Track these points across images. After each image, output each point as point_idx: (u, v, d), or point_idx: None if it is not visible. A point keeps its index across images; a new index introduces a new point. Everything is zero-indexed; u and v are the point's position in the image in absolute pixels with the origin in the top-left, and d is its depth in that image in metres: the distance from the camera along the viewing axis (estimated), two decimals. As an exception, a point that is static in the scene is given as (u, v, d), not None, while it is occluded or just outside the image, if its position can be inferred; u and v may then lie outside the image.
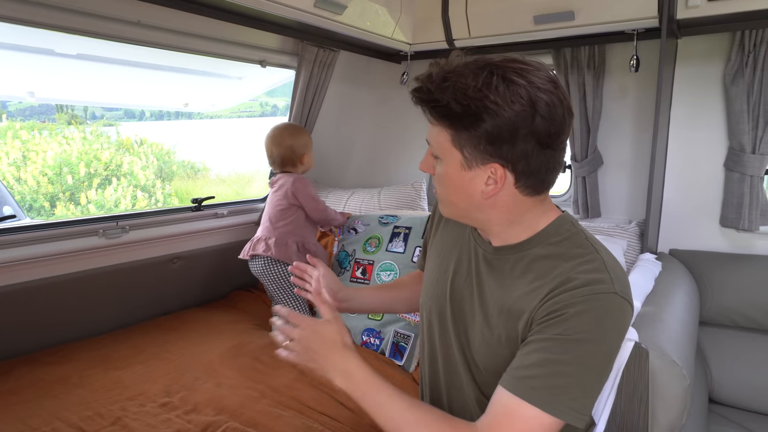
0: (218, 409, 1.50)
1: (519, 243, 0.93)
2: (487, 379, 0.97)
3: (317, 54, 2.33)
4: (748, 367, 1.91)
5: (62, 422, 1.43)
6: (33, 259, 1.82)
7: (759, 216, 1.98)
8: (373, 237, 2.16)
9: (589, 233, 0.94)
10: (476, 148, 0.83)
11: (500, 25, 2.13)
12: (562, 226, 0.92)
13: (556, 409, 0.78)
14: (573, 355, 0.79)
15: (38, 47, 1.85)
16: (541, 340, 0.82)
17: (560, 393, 0.79)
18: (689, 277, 1.96)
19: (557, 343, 0.80)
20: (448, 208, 0.96)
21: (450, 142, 0.86)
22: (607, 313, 0.81)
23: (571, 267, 0.86)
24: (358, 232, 2.22)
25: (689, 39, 2.03)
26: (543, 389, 0.79)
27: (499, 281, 0.94)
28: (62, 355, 1.82)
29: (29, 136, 6.55)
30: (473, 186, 0.87)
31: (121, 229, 2.05)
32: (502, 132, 0.80)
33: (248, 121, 11.24)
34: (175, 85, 2.56)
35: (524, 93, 0.79)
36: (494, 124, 0.80)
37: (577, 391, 0.80)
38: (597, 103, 2.21)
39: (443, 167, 0.89)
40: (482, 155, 0.84)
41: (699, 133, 2.09)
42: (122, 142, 7.58)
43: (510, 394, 0.81)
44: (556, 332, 0.80)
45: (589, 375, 0.81)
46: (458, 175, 0.88)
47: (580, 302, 0.81)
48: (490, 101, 0.79)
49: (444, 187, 0.92)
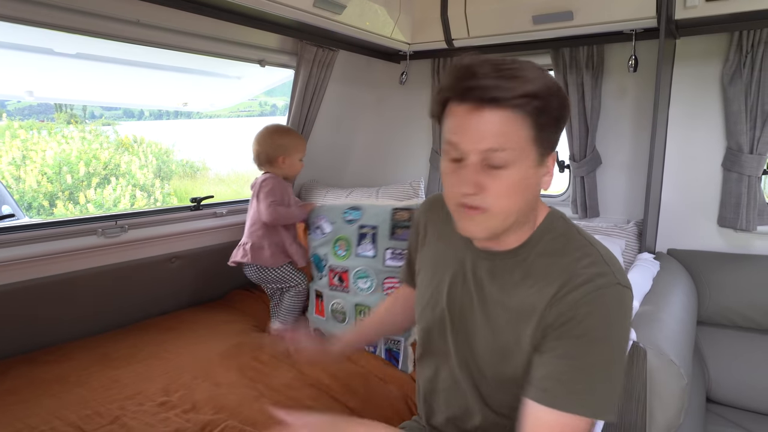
0: (217, 408, 1.50)
1: (519, 246, 0.93)
2: (492, 388, 0.97)
3: (316, 53, 2.33)
4: (745, 366, 1.91)
5: (61, 421, 1.43)
6: (31, 258, 1.82)
7: (757, 216, 1.98)
8: (341, 239, 2.10)
9: (580, 227, 0.95)
10: (551, 137, 0.83)
11: (499, 24, 2.13)
12: (554, 222, 0.93)
13: (588, 410, 0.80)
14: (593, 356, 0.81)
15: (37, 46, 1.85)
16: (557, 347, 0.83)
17: (589, 394, 0.80)
18: (687, 277, 1.97)
19: (575, 348, 0.81)
20: (504, 221, 0.85)
21: (531, 139, 0.80)
22: (615, 306, 0.82)
23: (570, 263, 0.86)
24: (324, 232, 2.16)
25: (687, 39, 2.03)
26: (572, 394, 0.80)
27: (501, 287, 0.93)
28: (61, 355, 1.82)
29: (28, 135, 6.54)
30: (539, 180, 0.85)
31: (120, 229, 2.05)
32: (563, 118, 0.82)
33: (247, 121, 11.24)
34: (174, 85, 2.56)
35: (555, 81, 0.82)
36: (560, 112, 0.81)
37: (605, 388, 0.81)
38: (595, 103, 2.21)
39: (514, 172, 0.80)
40: (552, 144, 0.84)
41: (697, 133, 2.09)
42: (121, 142, 7.57)
43: (541, 406, 0.81)
44: (572, 337, 0.82)
45: (612, 369, 0.82)
46: (534, 174, 0.83)
47: (589, 302, 0.82)
48: (556, 87, 0.80)
49: (509, 197, 0.82)
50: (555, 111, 0.80)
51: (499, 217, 0.84)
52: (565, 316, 0.83)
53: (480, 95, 0.77)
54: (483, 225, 0.85)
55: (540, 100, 0.78)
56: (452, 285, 1.01)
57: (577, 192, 2.34)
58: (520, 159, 0.80)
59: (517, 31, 2.10)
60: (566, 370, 0.81)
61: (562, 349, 0.82)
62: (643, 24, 1.89)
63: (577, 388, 0.80)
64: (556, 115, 0.81)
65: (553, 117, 0.81)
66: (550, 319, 0.84)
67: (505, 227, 0.87)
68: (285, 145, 2.15)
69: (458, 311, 0.99)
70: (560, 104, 0.81)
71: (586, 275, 0.84)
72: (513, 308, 0.91)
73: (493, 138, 0.78)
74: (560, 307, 0.83)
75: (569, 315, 0.82)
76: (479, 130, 0.79)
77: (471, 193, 0.82)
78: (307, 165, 2.73)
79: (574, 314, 0.82)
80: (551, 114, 0.80)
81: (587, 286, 0.83)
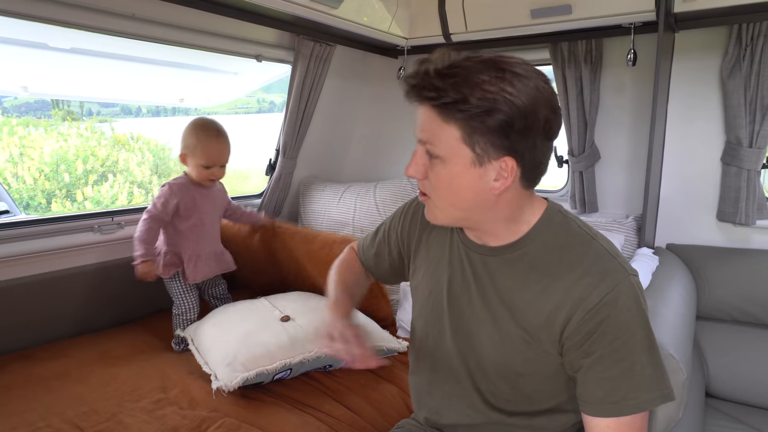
0: (214, 405, 1.50)
1: (517, 240, 0.92)
2: (493, 384, 0.96)
3: (313, 48, 2.31)
4: (744, 361, 1.91)
5: (58, 417, 1.42)
6: (27, 254, 1.81)
7: (756, 210, 1.98)
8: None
9: (580, 220, 0.94)
10: (490, 142, 0.81)
11: (497, 18, 2.12)
12: (553, 217, 0.92)
13: (652, 402, 0.84)
14: (635, 354, 0.83)
15: (31, 41, 1.83)
16: (598, 361, 0.84)
17: (648, 388, 0.83)
18: (686, 272, 1.96)
19: (616, 354, 0.83)
20: (445, 212, 0.91)
21: (460, 140, 0.82)
22: (632, 298, 0.84)
23: (575, 258, 0.86)
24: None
25: (686, 33, 2.02)
26: (634, 397, 0.83)
27: (503, 283, 0.93)
28: (57, 351, 1.81)
29: (25, 132, 6.51)
30: (482, 183, 0.85)
31: (117, 225, 2.05)
32: (516, 124, 0.80)
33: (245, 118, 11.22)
34: (171, 80, 2.55)
35: (533, 85, 0.80)
36: (510, 117, 0.79)
37: (656, 375, 0.84)
38: (594, 98, 2.20)
39: (447, 167, 0.85)
40: (496, 149, 0.82)
41: (696, 127, 2.09)
42: (117, 139, 7.55)
43: (611, 419, 0.84)
44: (608, 347, 0.83)
45: (653, 355, 0.84)
46: (467, 173, 0.84)
47: (612, 307, 0.82)
48: (508, 93, 0.78)
49: (444, 189, 0.88)
50: (485, 118, 0.79)
51: (441, 208, 0.90)
52: (593, 330, 0.83)
53: (416, 89, 0.84)
54: (432, 213, 0.93)
55: (468, 106, 0.78)
56: (451, 282, 1.00)
57: (575, 187, 2.33)
58: (451, 156, 0.84)
59: (515, 25, 2.09)
60: (619, 376, 0.83)
61: (602, 363, 0.84)
62: (641, 17, 1.88)
63: (638, 387, 0.83)
64: (486, 121, 0.79)
65: (483, 122, 0.79)
66: (575, 330, 0.84)
67: (455, 220, 0.93)
68: (187, 144, 1.91)
69: (458, 308, 0.98)
70: (493, 114, 0.78)
71: (598, 274, 0.84)
72: (519, 305, 0.90)
73: (425, 130, 0.85)
74: (585, 321, 0.83)
75: (596, 328, 0.83)
76: (420, 121, 0.86)
77: (416, 177, 0.89)
78: (305, 161, 2.74)
79: (601, 325, 0.82)
80: (479, 119, 0.79)
81: (603, 287, 0.83)
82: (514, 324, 0.90)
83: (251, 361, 1.57)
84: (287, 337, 1.68)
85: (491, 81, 0.78)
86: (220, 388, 1.51)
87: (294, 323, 1.77)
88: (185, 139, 1.91)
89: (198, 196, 1.97)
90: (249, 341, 1.65)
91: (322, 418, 1.47)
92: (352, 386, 1.65)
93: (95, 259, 2.00)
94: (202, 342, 1.77)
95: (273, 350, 1.62)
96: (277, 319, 1.79)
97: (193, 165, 1.93)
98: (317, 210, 2.68)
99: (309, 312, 1.84)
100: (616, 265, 0.85)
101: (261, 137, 2.80)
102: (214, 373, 1.59)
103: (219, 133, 1.94)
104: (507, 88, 0.78)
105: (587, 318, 0.83)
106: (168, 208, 1.90)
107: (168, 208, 1.90)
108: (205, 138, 1.90)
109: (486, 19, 2.16)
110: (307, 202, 2.73)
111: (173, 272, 1.97)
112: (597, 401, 0.85)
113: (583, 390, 0.87)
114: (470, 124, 0.80)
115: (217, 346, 1.69)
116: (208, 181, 1.98)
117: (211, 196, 2.04)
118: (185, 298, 2.00)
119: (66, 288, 1.91)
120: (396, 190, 2.55)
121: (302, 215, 2.75)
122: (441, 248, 1.04)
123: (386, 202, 2.54)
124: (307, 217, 2.72)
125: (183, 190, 1.93)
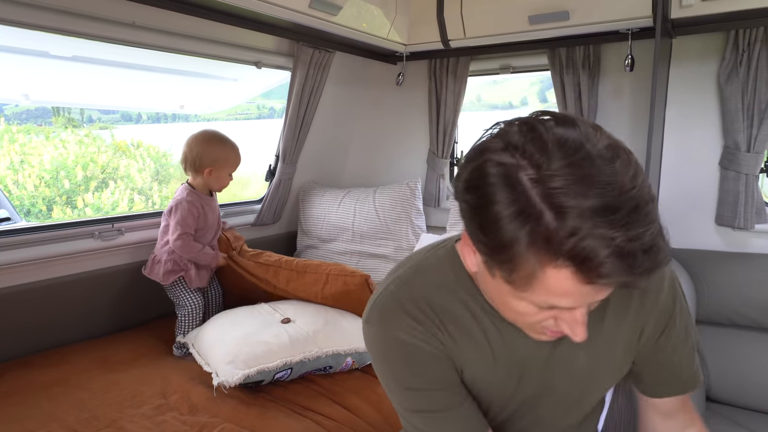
0: (214, 410, 1.50)
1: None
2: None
3: (312, 55, 2.33)
4: (744, 365, 1.91)
5: (58, 424, 1.43)
6: (28, 261, 1.81)
7: (754, 214, 1.98)
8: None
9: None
10: None
11: (495, 25, 2.13)
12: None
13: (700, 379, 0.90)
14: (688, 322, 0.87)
15: (33, 49, 1.85)
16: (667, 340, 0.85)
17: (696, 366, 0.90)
18: (685, 276, 1.97)
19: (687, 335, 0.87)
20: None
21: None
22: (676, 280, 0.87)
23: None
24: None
25: (684, 38, 2.03)
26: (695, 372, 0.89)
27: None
28: (58, 358, 1.81)
29: (26, 140, 6.53)
30: None
31: (117, 231, 2.05)
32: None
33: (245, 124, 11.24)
34: (171, 87, 2.56)
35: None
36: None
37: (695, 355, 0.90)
38: (592, 103, 2.21)
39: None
40: None
41: (694, 132, 2.09)
42: (118, 145, 7.56)
43: (686, 395, 0.89)
44: (677, 331, 0.85)
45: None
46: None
47: (671, 295, 0.84)
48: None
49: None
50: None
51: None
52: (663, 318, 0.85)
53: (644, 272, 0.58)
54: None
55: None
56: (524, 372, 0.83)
57: (574, 192, 2.33)
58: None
59: (514, 31, 2.10)
60: (690, 352, 0.88)
61: (672, 340, 0.86)
62: (639, 23, 1.90)
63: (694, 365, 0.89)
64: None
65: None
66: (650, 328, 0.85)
67: None
68: (216, 158, 2.00)
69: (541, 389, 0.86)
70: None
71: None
72: (603, 339, 0.83)
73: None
74: (656, 311, 0.84)
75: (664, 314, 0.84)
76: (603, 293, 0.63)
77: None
78: (305, 166, 2.74)
79: (668, 312, 0.84)
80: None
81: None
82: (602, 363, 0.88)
83: (252, 359, 1.58)
84: (288, 337, 1.69)
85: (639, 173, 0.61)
86: (221, 384, 1.51)
87: (294, 325, 1.78)
88: (211, 154, 1.99)
89: (206, 206, 2.04)
90: (250, 340, 1.67)
91: (322, 422, 1.47)
92: (352, 388, 1.66)
93: (96, 266, 2.00)
94: (202, 345, 1.77)
95: (274, 349, 1.63)
96: (277, 321, 1.79)
97: (219, 176, 2.03)
98: (317, 215, 2.69)
99: (309, 315, 1.85)
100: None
101: (261, 143, 2.81)
102: (215, 371, 1.59)
103: (229, 139, 2.07)
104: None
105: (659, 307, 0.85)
106: (194, 221, 1.99)
107: (194, 221, 1.99)
108: (229, 149, 2.04)
109: (484, 25, 2.17)
110: (306, 208, 2.74)
111: (173, 279, 1.98)
112: (674, 379, 0.89)
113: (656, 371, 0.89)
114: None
115: (219, 347, 1.70)
116: (225, 186, 2.08)
117: (213, 204, 2.10)
118: (190, 299, 2.02)
119: (67, 294, 1.92)
120: (395, 195, 2.56)
121: (302, 220, 2.75)
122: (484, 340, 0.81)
123: (385, 207, 2.54)
124: (307, 223, 2.72)
125: (195, 202, 2.00)
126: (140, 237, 2.12)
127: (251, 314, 1.87)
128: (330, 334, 1.76)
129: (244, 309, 1.94)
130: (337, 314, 1.89)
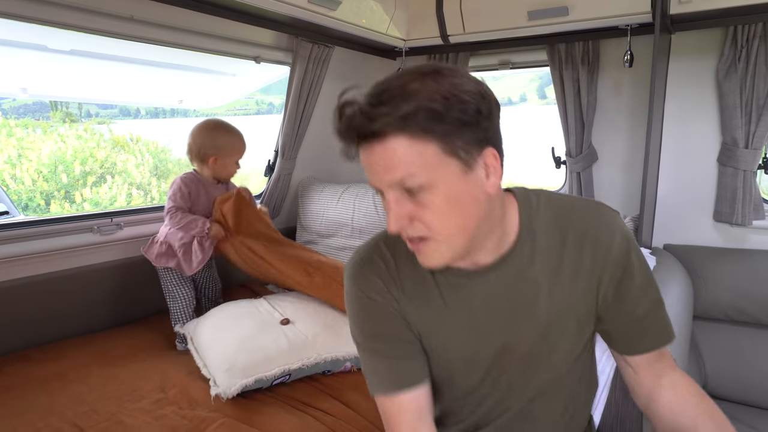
0: (213, 405, 1.50)
1: (516, 241, 0.86)
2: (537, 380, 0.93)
3: (312, 50, 2.32)
4: (741, 360, 1.92)
5: (57, 418, 1.43)
6: (26, 255, 1.81)
7: (752, 210, 1.99)
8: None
9: (548, 190, 0.95)
10: (469, 140, 0.73)
11: (494, 20, 2.13)
12: (530, 200, 0.89)
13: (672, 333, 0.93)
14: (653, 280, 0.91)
15: (31, 43, 1.84)
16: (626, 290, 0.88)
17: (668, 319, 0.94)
18: (683, 272, 1.97)
19: (647, 287, 0.90)
20: (453, 243, 0.78)
21: (442, 153, 0.72)
22: (627, 230, 0.90)
23: (577, 217, 0.88)
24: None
25: (682, 34, 2.03)
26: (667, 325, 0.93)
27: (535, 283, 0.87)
28: (57, 352, 1.81)
29: (24, 134, 6.51)
30: (478, 187, 0.76)
31: (116, 226, 2.05)
32: (482, 109, 0.74)
33: (244, 119, 11.24)
34: (169, 82, 2.55)
35: (462, 73, 0.75)
36: (475, 103, 0.73)
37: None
38: (591, 99, 2.21)
39: (438, 191, 0.74)
40: (476, 145, 0.74)
41: (692, 128, 2.10)
42: (116, 140, 7.54)
43: (663, 348, 0.92)
44: (636, 283, 0.88)
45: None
46: (462, 184, 0.74)
47: (624, 246, 0.87)
48: (458, 85, 0.72)
49: (446, 216, 0.75)
50: (456, 114, 0.71)
51: (446, 240, 0.77)
52: (620, 273, 0.87)
53: (358, 133, 0.73)
54: (435, 254, 0.79)
55: (425, 113, 0.70)
56: (485, 326, 0.89)
57: (573, 188, 2.34)
58: (438, 176, 0.73)
59: (512, 26, 2.10)
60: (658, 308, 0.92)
61: (643, 300, 0.89)
62: (638, 19, 1.90)
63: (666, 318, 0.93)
64: (459, 117, 0.71)
65: (457, 121, 0.71)
66: (606, 281, 0.87)
67: (465, 246, 0.79)
68: (220, 146, 1.98)
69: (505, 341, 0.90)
70: (461, 107, 0.71)
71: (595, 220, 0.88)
72: (561, 289, 0.87)
73: (393, 169, 0.73)
74: (610, 270, 0.87)
75: (623, 270, 0.87)
76: (377, 165, 0.73)
77: (401, 229, 0.77)
78: (304, 162, 2.74)
79: (627, 265, 0.87)
80: (451, 120, 0.71)
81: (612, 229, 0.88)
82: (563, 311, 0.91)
83: (250, 368, 1.57)
84: (287, 342, 1.68)
85: (437, 81, 0.71)
86: (219, 395, 1.52)
87: (294, 327, 1.77)
88: (209, 141, 1.98)
89: (202, 189, 2.03)
90: (248, 345, 1.66)
91: (322, 418, 1.47)
92: (351, 384, 1.66)
93: (94, 260, 2.00)
94: (200, 341, 1.77)
95: (272, 355, 1.62)
96: (276, 322, 1.79)
97: (224, 164, 2.01)
98: (316, 211, 2.69)
99: (309, 316, 1.85)
100: (600, 204, 0.91)
101: (260, 138, 2.80)
102: (213, 379, 1.59)
103: (232, 127, 2.06)
104: (454, 81, 0.72)
105: (611, 261, 0.87)
106: (184, 198, 1.97)
107: (184, 198, 1.97)
108: (234, 137, 2.03)
109: (483, 20, 2.17)
110: (305, 203, 2.74)
111: (164, 264, 1.97)
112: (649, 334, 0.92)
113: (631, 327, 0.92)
114: (444, 128, 0.71)
115: (216, 348, 1.69)
116: (232, 175, 2.08)
117: (216, 191, 2.08)
118: (179, 289, 2.00)
119: (65, 289, 1.92)
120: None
121: (301, 216, 2.75)
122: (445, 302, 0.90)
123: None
124: (306, 218, 2.72)
125: (189, 182, 2.00)
126: (139, 232, 2.12)
127: (250, 312, 1.86)
128: (329, 338, 1.75)
129: (244, 303, 1.94)
130: (337, 316, 1.89)
